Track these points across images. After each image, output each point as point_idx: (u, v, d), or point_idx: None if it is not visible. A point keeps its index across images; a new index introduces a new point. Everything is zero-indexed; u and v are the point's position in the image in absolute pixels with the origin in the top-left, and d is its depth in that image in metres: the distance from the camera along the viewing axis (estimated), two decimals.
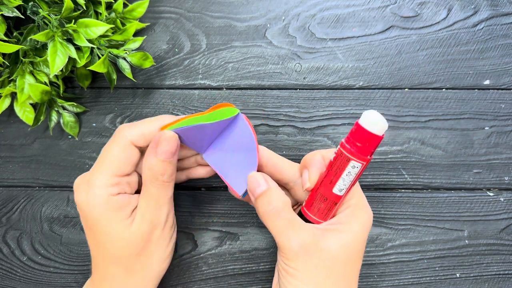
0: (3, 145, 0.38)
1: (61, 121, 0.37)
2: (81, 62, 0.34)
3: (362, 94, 0.39)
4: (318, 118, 0.38)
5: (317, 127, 0.38)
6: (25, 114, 0.37)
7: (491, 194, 0.38)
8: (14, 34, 0.35)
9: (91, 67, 0.33)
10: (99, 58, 0.35)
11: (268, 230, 0.32)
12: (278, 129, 0.38)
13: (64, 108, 0.38)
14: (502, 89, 0.39)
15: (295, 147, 0.38)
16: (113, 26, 0.35)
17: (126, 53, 0.36)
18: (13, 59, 0.35)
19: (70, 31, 0.33)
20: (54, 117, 0.37)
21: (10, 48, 0.32)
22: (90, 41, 0.34)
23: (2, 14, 0.32)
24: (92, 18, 0.35)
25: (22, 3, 0.33)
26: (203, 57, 0.39)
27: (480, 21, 0.39)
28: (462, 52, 0.39)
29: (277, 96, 0.39)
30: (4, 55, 0.35)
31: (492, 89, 0.39)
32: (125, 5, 0.38)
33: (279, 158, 0.32)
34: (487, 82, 0.39)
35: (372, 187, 0.38)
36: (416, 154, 0.38)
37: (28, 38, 0.34)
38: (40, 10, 0.33)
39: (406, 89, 0.39)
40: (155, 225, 0.29)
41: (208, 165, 0.33)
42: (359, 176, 0.28)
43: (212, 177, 0.36)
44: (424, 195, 0.38)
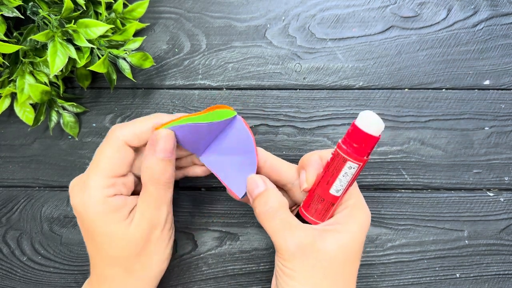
0: (3, 145, 0.38)
1: (61, 121, 0.37)
2: (81, 62, 0.34)
3: (362, 94, 0.39)
4: (318, 118, 0.38)
5: (317, 127, 0.38)
6: (25, 114, 0.37)
7: (491, 194, 0.38)
8: (14, 34, 0.35)
9: (91, 67, 0.33)
10: (99, 58, 0.35)
11: None
12: (278, 129, 0.38)
13: (64, 108, 0.38)
14: (502, 89, 0.39)
15: (295, 148, 0.38)
16: (113, 26, 0.35)
17: (126, 53, 0.36)
18: (13, 59, 0.35)
19: (70, 31, 0.33)
20: (54, 117, 0.37)
21: (10, 48, 0.32)
22: (90, 41, 0.34)
23: (2, 14, 0.32)
24: (92, 18, 0.35)
25: (22, 3, 0.33)
26: (203, 57, 0.39)
27: (480, 21, 0.39)
28: (462, 52, 0.39)
29: (277, 96, 0.39)
30: (4, 55, 0.35)
31: (492, 89, 0.39)
32: (125, 5, 0.38)
33: (277, 159, 0.32)
34: (487, 82, 0.39)
35: (372, 187, 0.38)
36: (416, 154, 0.38)
37: (28, 38, 0.34)
38: (40, 10, 0.33)
39: (406, 89, 0.39)
40: (154, 226, 0.29)
41: (203, 165, 0.33)
42: (356, 176, 0.28)
43: (212, 177, 0.36)
44: (424, 195, 0.38)
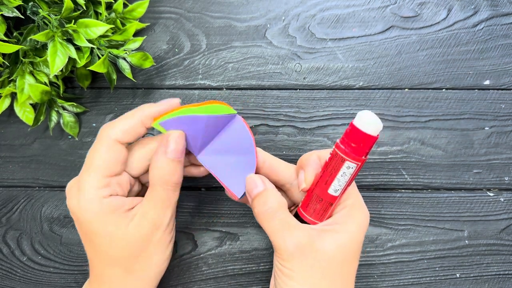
0: (3, 145, 0.38)
1: (61, 121, 0.37)
2: (81, 62, 0.34)
3: (362, 94, 0.39)
4: (318, 118, 0.38)
5: (317, 127, 0.38)
6: (25, 114, 0.37)
7: (491, 194, 0.38)
8: (14, 34, 0.35)
9: (91, 67, 0.33)
10: (99, 58, 0.35)
11: None
12: (278, 129, 0.38)
13: (64, 108, 0.38)
14: (502, 89, 0.39)
15: (295, 147, 0.38)
16: (113, 26, 0.35)
17: (126, 53, 0.36)
18: (13, 59, 0.35)
19: (70, 31, 0.33)
20: (54, 117, 0.37)
21: (10, 48, 0.32)
22: (90, 41, 0.34)
23: (2, 14, 0.32)
24: (92, 18, 0.35)
25: (22, 3, 0.33)
26: (203, 57, 0.39)
27: (480, 21, 0.39)
28: (462, 52, 0.39)
29: (277, 96, 0.39)
30: (4, 55, 0.35)
31: (492, 89, 0.39)
32: (125, 5, 0.38)
33: (276, 159, 0.32)
34: (487, 82, 0.39)
35: (372, 187, 0.38)
36: (416, 154, 0.38)
37: (28, 38, 0.34)
38: (40, 10, 0.33)
39: (406, 89, 0.39)
40: (157, 227, 0.29)
41: (201, 166, 0.32)
42: (355, 176, 0.28)
43: (212, 177, 0.36)
44: (424, 195, 0.38)
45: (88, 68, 0.34)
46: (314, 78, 0.39)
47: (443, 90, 0.39)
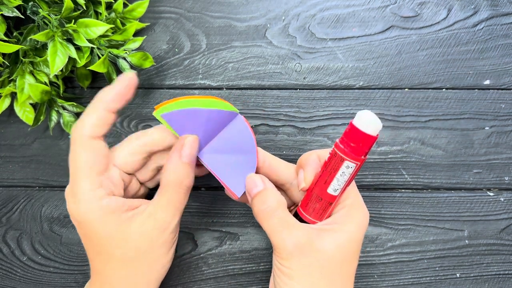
0: (3, 145, 0.38)
1: (61, 121, 0.37)
2: (81, 62, 0.34)
3: (362, 94, 0.39)
4: (318, 118, 0.38)
5: (317, 127, 0.38)
6: (25, 114, 0.37)
7: (491, 194, 0.38)
8: (14, 34, 0.35)
9: (91, 67, 0.33)
10: (99, 58, 0.35)
11: None
12: (278, 129, 0.38)
13: (64, 108, 0.38)
14: (502, 89, 0.39)
15: (295, 147, 0.38)
16: (113, 26, 0.35)
17: (126, 53, 0.36)
18: (13, 59, 0.35)
19: (70, 31, 0.33)
20: (54, 117, 0.37)
21: (10, 48, 0.32)
22: (90, 41, 0.34)
23: (2, 14, 0.32)
24: (92, 18, 0.35)
25: (22, 3, 0.33)
26: (203, 57, 0.39)
27: (480, 21, 0.39)
28: (462, 52, 0.39)
29: (277, 96, 0.39)
30: (4, 55, 0.35)
31: (492, 89, 0.39)
32: (125, 5, 0.38)
33: (275, 159, 0.32)
34: (487, 82, 0.39)
35: (372, 187, 0.38)
36: (416, 154, 0.38)
37: (28, 38, 0.34)
38: (40, 10, 0.33)
39: (406, 89, 0.39)
40: (164, 229, 0.28)
41: (200, 165, 0.32)
42: (354, 176, 0.28)
43: (212, 177, 0.36)
44: (424, 195, 0.38)
45: (88, 68, 0.34)
46: (314, 78, 0.39)
47: (443, 90, 0.39)
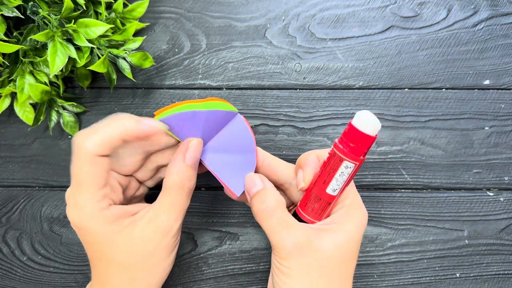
0: (3, 145, 0.38)
1: (61, 121, 0.37)
2: (81, 62, 0.34)
3: (362, 94, 0.39)
4: (318, 118, 0.38)
5: (317, 127, 0.38)
6: (25, 114, 0.37)
7: (491, 194, 0.38)
8: (14, 34, 0.35)
9: (91, 67, 0.33)
10: (99, 58, 0.35)
11: None
12: (278, 129, 0.38)
13: (64, 108, 0.38)
14: (502, 89, 0.39)
15: (295, 147, 0.38)
16: (113, 26, 0.35)
17: (126, 53, 0.36)
18: (13, 59, 0.35)
19: (70, 31, 0.33)
20: (54, 117, 0.37)
21: (10, 48, 0.32)
22: (90, 41, 0.34)
23: (2, 14, 0.32)
24: (92, 18, 0.35)
25: (22, 3, 0.33)
26: (203, 57, 0.39)
27: (480, 21, 0.39)
28: (462, 52, 0.39)
29: (277, 96, 0.39)
30: (4, 55, 0.35)
31: (492, 89, 0.39)
32: (125, 5, 0.38)
33: (275, 159, 0.32)
34: (487, 82, 0.39)
35: (372, 187, 0.38)
36: (416, 154, 0.38)
37: (28, 38, 0.34)
38: (40, 10, 0.33)
39: (406, 89, 0.39)
40: (166, 232, 0.28)
41: (199, 164, 0.33)
42: (353, 176, 0.28)
43: (212, 177, 0.36)
44: (424, 195, 0.38)
45: (88, 68, 0.34)
46: (314, 78, 0.39)
47: (443, 90, 0.39)
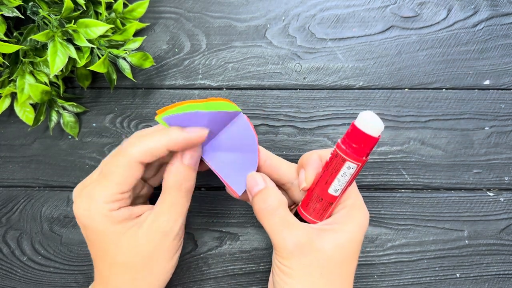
0: (3, 145, 0.38)
1: (61, 121, 0.37)
2: (81, 62, 0.34)
3: (362, 94, 0.39)
4: (318, 118, 0.38)
5: (317, 127, 0.38)
6: (25, 114, 0.37)
7: (491, 194, 0.38)
8: (14, 34, 0.35)
9: (91, 67, 0.33)
10: (99, 58, 0.35)
11: None
12: (278, 129, 0.38)
13: (64, 108, 0.38)
14: (502, 89, 0.39)
15: (295, 147, 0.38)
16: (113, 26, 0.35)
17: (126, 53, 0.36)
18: (13, 59, 0.35)
19: (70, 31, 0.33)
20: (54, 117, 0.37)
21: (10, 48, 0.32)
22: (90, 41, 0.34)
23: (2, 14, 0.32)
24: (92, 18, 0.35)
25: (22, 3, 0.33)
26: (203, 57, 0.39)
27: (480, 21, 0.39)
28: (462, 52, 0.39)
29: (277, 96, 0.39)
30: (4, 55, 0.35)
31: (492, 89, 0.39)
32: (125, 5, 0.38)
33: (277, 158, 0.32)
34: (487, 82, 0.39)
35: (372, 187, 0.38)
36: (416, 154, 0.38)
37: (28, 38, 0.34)
38: (40, 10, 0.33)
39: (406, 89, 0.39)
40: (167, 234, 0.28)
41: (201, 162, 0.32)
42: (355, 177, 0.28)
43: (212, 177, 0.36)
44: (424, 195, 0.38)
45: (88, 68, 0.34)
46: (314, 78, 0.39)
47: (443, 90, 0.39)
